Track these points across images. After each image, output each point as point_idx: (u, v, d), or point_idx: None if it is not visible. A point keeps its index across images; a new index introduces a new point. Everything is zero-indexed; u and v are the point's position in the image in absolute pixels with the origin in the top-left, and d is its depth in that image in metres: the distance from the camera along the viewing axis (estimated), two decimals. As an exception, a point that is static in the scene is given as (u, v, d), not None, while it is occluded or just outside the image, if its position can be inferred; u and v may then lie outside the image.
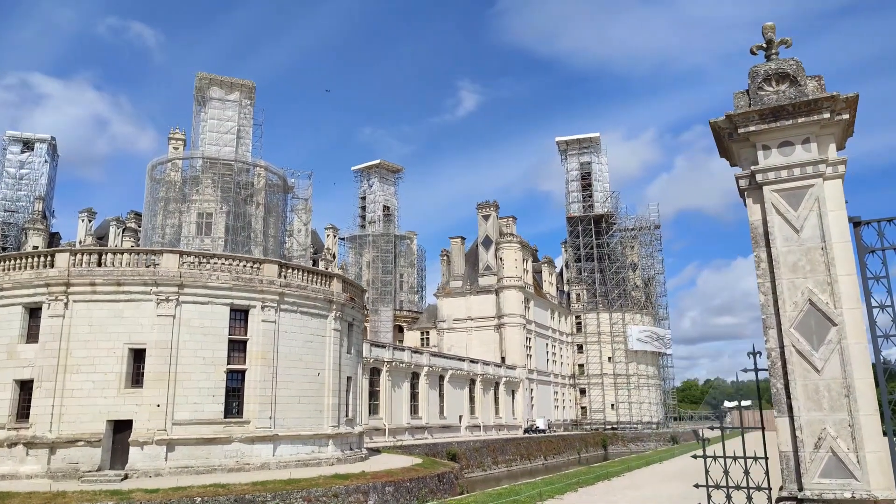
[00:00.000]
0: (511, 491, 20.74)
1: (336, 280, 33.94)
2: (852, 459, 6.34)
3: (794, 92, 7.23)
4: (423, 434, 57.62)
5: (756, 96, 7.42)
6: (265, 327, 29.85)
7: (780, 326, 6.93)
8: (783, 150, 7.19)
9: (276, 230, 78.73)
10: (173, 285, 28.01)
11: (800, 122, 7.05)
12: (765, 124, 7.19)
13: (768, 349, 7.04)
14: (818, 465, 6.47)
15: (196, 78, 76.50)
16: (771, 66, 7.48)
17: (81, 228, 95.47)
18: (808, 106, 6.99)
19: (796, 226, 6.99)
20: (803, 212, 6.99)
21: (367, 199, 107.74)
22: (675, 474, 26.90)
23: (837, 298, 6.69)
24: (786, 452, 6.74)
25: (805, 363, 6.70)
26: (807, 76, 7.30)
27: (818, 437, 6.51)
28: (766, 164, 7.23)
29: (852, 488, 6.30)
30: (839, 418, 6.48)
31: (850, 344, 6.58)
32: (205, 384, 27.99)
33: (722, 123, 7.52)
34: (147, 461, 26.32)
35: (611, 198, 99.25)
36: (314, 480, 25.36)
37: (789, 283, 6.92)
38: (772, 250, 7.07)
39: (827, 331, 6.67)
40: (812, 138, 7.08)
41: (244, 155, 76.83)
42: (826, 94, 6.94)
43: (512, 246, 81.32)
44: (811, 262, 6.87)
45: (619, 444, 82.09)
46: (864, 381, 6.52)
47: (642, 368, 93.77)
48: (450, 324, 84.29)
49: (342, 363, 33.42)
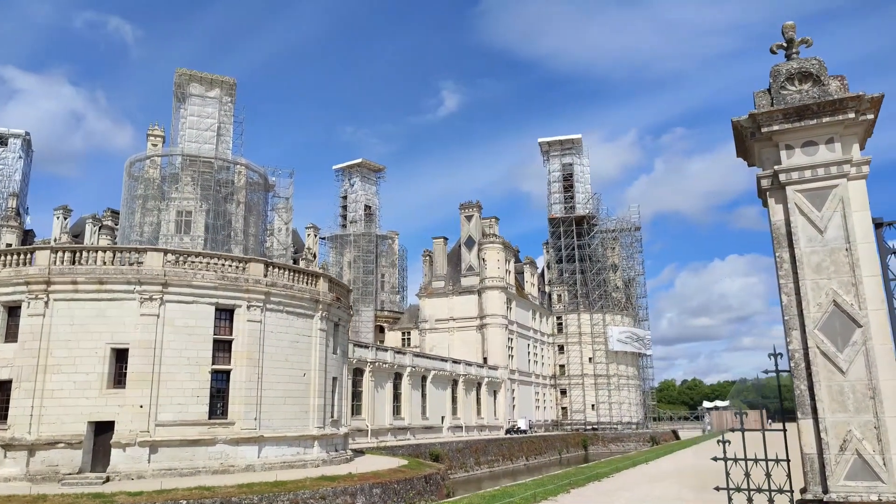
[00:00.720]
0: (504, 492, 20.63)
1: (322, 280, 33.59)
2: (878, 462, 6.30)
3: (818, 91, 7.18)
4: (406, 435, 57.35)
5: (779, 95, 7.37)
6: (251, 327, 29.44)
7: (803, 328, 6.88)
8: (806, 149, 7.15)
9: (256, 229, 78.02)
10: (157, 284, 27.50)
11: (824, 121, 7.00)
12: (788, 123, 7.14)
13: (791, 350, 6.98)
14: (844, 468, 6.42)
15: (175, 74, 75.48)
16: (793, 65, 7.43)
17: (56, 226, 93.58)
18: (832, 106, 6.95)
19: (820, 226, 6.95)
20: (827, 212, 6.95)
21: (349, 198, 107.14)
22: (663, 475, 27.00)
23: (862, 300, 6.65)
24: (810, 455, 6.69)
25: (830, 364, 6.66)
26: (829, 76, 7.27)
27: (843, 438, 6.46)
28: (789, 163, 7.17)
29: (878, 491, 6.26)
30: (864, 420, 6.44)
31: (875, 345, 6.54)
32: (189, 385, 27.51)
33: (745, 122, 7.45)
34: (129, 463, 25.80)
35: (592, 199, 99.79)
36: (301, 482, 25.03)
37: (813, 283, 6.87)
38: (795, 251, 7.02)
39: (851, 332, 6.63)
40: (836, 138, 7.04)
41: (224, 152, 75.95)
42: (851, 94, 6.90)
43: (494, 246, 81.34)
44: (835, 262, 6.82)
45: (599, 445, 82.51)
46: (889, 382, 6.48)
47: (622, 369, 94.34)
48: (432, 324, 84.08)
49: (328, 364, 33.09)
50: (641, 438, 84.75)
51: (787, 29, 7.81)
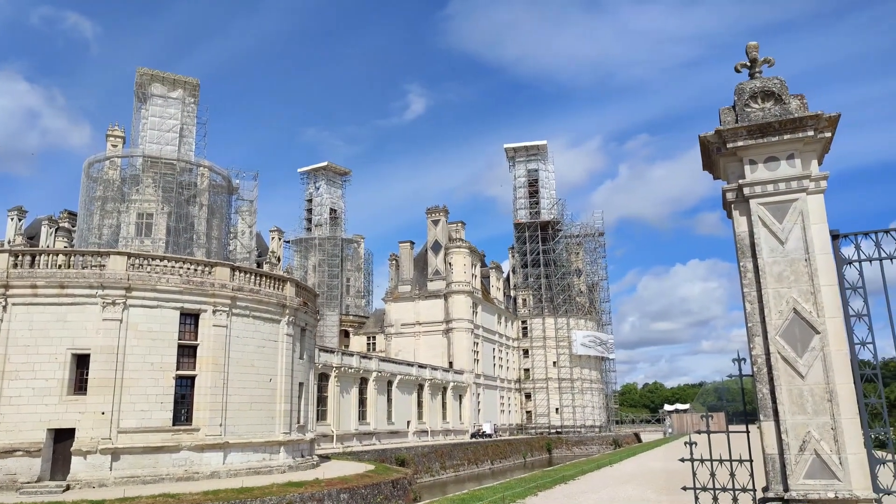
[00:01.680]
0: (473, 496, 20.83)
1: (289, 284, 33.40)
2: (835, 461, 6.67)
3: (779, 110, 7.57)
4: (372, 440, 57.21)
5: (743, 113, 7.74)
6: (216, 332, 29.12)
7: (765, 334, 7.23)
8: (769, 164, 7.52)
9: (219, 232, 76.96)
10: (120, 288, 27.03)
11: (785, 138, 7.38)
12: (752, 140, 7.50)
13: (754, 356, 7.33)
14: (803, 467, 6.77)
15: (137, 74, 74.14)
16: (756, 84, 7.81)
17: (10, 227, 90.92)
18: (793, 124, 7.33)
19: (781, 238, 7.32)
20: (788, 224, 7.32)
21: (314, 201, 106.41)
22: (628, 477, 27.52)
23: (820, 308, 7.03)
24: (771, 455, 7.03)
25: (790, 369, 7.02)
26: (790, 95, 7.67)
27: (803, 439, 6.82)
28: (752, 178, 7.54)
29: (835, 488, 6.62)
30: (822, 422, 6.80)
31: (832, 351, 6.92)
32: (153, 391, 27.09)
33: (711, 138, 7.80)
34: (90, 471, 25.28)
35: (557, 205, 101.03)
36: (267, 489, 24.85)
37: (775, 292, 7.23)
38: (758, 261, 7.37)
39: (810, 338, 7.00)
40: (796, 154, 7.43)
41: (187, 154, 74.80)
42: (810, 113, 7.29)
43: (461, 251, 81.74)
44: (795, 272, 7.20)
45: (563, 448, 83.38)
46: (845, 386, 6.86)
47: (586, 373, 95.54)
48: (398, 328, 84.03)
49: (294, 369, 32.90)
50: (604, 441, 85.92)
51: (751, 49, 8.19)
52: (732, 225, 7.84)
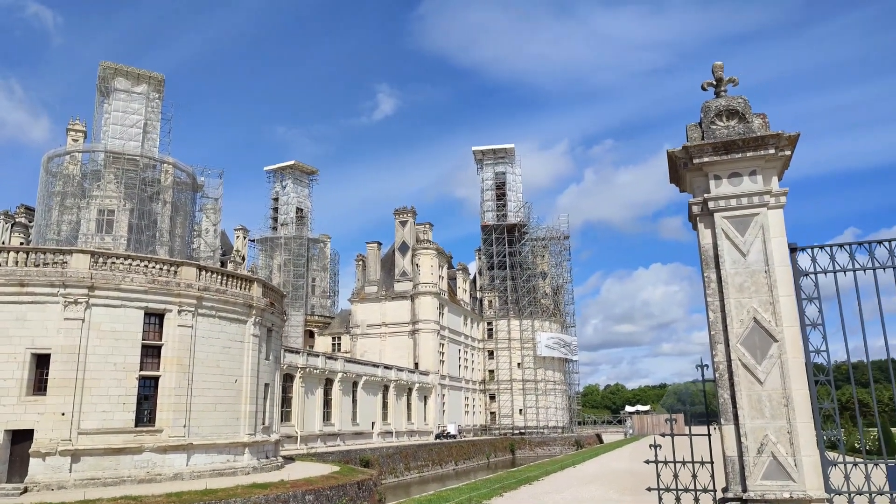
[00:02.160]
0: (440, 497, 21.02)
1: (256, 284, 33.17)
2: (791, 463, 7.04)
3: (743, 128, 7.94)
4: (336, 441, 56.99)
5: (709, 130, 8.10)
6: (181, 332, 28.79)
7: (727, 342, 7.59)
8: (732, 180, 7.88)
9: (183, 230, 75.81)
10: (83, 287, 26.54)
11: (748, 155, 7.75)
12: (717, 156, 7.86)
13: (716, 362, 7.67)
14: (761, 468, 7.13)
15: (100, 67, 72.61)
16: (722, 102, 8.18)
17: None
18: (755, 142, 7.71)
19: (743, 250, 7.68)
20: (749, 237, 7.69)
21: (280, 200, 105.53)
22: (590, 477, 28.03)
23: (779, 317, 7.41)
24: (731, 457, 7.38)
25: (750, 375, 7.38)
26: (753, 114, 8.05)
27: (761, 442, 7.18)
28: (717, 192, 7.90)
29: (790, 489, 6.99)
30: (779, 426, 7.17)
31: (789, 358, 7.30)
32: (115, 391, 26.66)
33: (678, 153, 8.14)
34: (49, 473, 24.77)
35: (524, 208, 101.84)
36: (232, 490, 24.68)
37: (736, 302, 7.59)
38: (721, 272, 7.73)
39: (769, 346, 7.37)
40: (758, 171, 7.81)
41: (151, 150, 73.52)
42: (772, 132, 7.68)
43: (429, 252, 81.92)
44: (756, 283, 7.57)
45: (526, 449, 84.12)
46: (800, 391, 7.25)
47: (549, 374, 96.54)
48: (364, 329, 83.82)
49: (260, 370, 32.68)
50: (567, 442, 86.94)
51: (717, 69, 8.57)
52: (697, 237, 8.19)
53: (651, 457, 8.45)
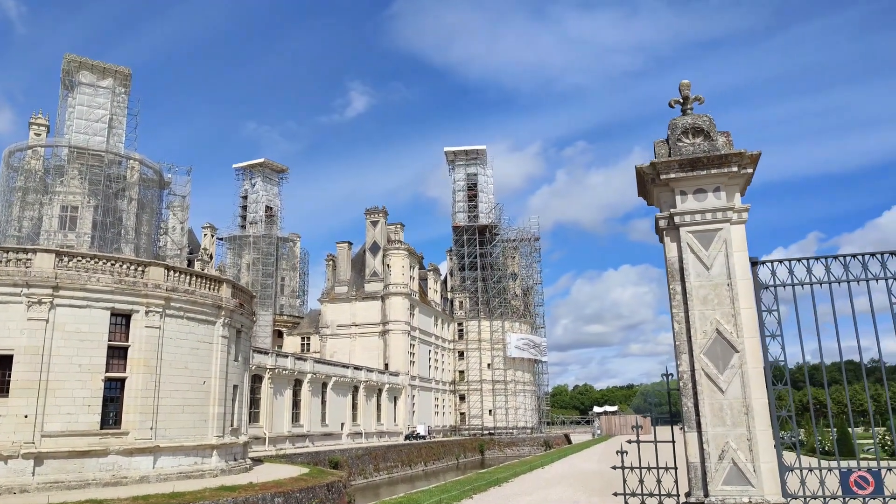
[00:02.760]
0: (410, 499, 21.13)
1: (225, 285, 32.89)
2: (750, 469, 7.34)
3: (707, 146, 8.24)
4: (305, 442, 56.72)
5: (675, 147, 8.38)
6: (149, 333, 28.43)
7: (691, 352, 7.87)
8: (697, 196, 8.18)
9: (149, 228, 74.71)
10: (47, 287, 26.06)
11: (712, 172, 8.05)
12: (683, 173, 8.14)
13: (681, 372, 7.96)
14: (722, 474, 7.42)
15: (64, 60, 71.17)
16: (688, 120, 8.47)
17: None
18: (719, 160, 8.01)
19: (707, 263, 7.98)
20: (713, 251, 7.99)
21: (249, 198, 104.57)
22: (558, 479, 28.42)
23: (740, 328, 7.71)
24: (694, 463, 7.67)
25: (712, 384, 7.67)
26: (718, 132, 8.36)
27: (722, 449, 7.48)
28: (682, 207, 8.18)
29: (749, 494, 7.29)
30: (739, 433, 7.47)
31: (749, 368, 7.61)
32: (80, 393, 26.22)
33: (646, 169, 8.41)
34: (11, 476, 24.27)
35: (495, 209, 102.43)
36: (200, 493, 24.47)
37: (700, 314, 7.88)
38: (686, 284, 8.01)
39: (731, 356, 7.67)
40: (722, 187, 8.11)
41: (116, 146, 72.29)
42: (735, 150, 7.98)
43: (400, 253, 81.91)
44: (719, 296, 7.87)
45: (495, 450, 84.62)
46: (760, 400, 7.56)
47: (519, 375, 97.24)
48: (333, 329, 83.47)
49: (229, 371, 32.42)
50: (536, 443, 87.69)
51: (684, 87, 8.86)
52: (664, 250, 8.47)
53: (618, 462, 8.70)
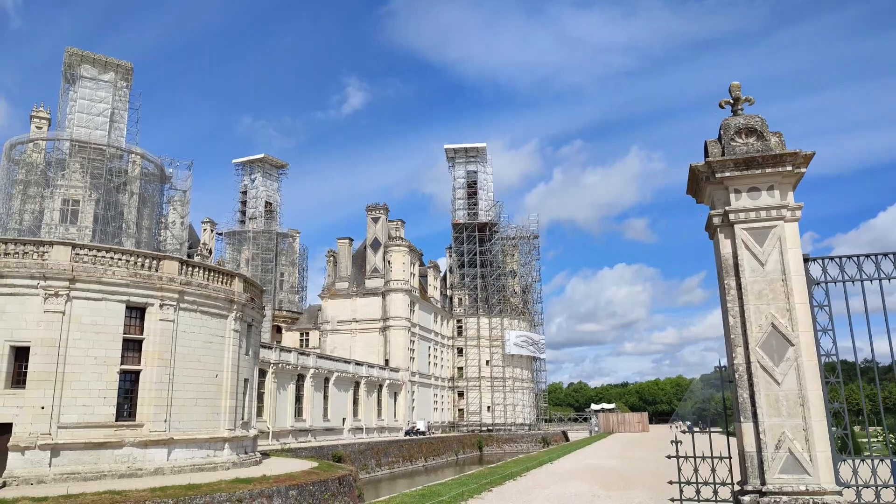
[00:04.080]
0: (431, 492, 21.36)
1: (237, 279, 33.05)
2: (806, 458, 7.60)
3: (761, 145, 8.49)
4: (307, 437, 56.91)
5: (729, 146, 8.62)
6: (163, 326, 28.58)
7: (746, 345, 8.12)
8: (751, 194, 8.42)
9: (150, 222, 74.72)
10: (64, 280, 26.19)
11: (767, 172, 8.30)
12: (738, 171, 8.38)
13: (736, 364, 8.20)
14: (778, 463, 7.68)
15: (66, 53, 70.96)
16: (740, 120, 8.71)
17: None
18: (774, 159, 8.25)
19: (762, 260, 8.23)
20: (767, 248, 8.24)
21: (249, 193, 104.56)
22: (570, 474, 28.69)
23: (795, 323, 7.97)
24: (750, 452, 7.92)
25: (768, 376, 7.92)
26: (770, 132, 8.60)
27: (778, 439, 7.73)
28: (737, 205, 8.43)
29: (806, 482, 7.56)
30: (795, 423, 7.73)
31: (804, 361, 7.87)
32: (96, 385, 26.37)
33: (701, 168, 8.64)
34: (28, 467, 24.43)
35: (495, 207, 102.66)
36: (216, 485, 24.65)
37: (755, 308, 8.13)
38: (741, 280, 8.26)
39: (786, 350, 7.93)
40: (775, 186, 8.36)
41: (118, 140, 72.19)
42: (790, 150, 8.23)
43: (400, 249, 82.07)
44: (773, 291, 8.12)
45: (494, 446, 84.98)
46: (814, 392, 7.82)
47: (517, 372, 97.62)
48: (334, 325, 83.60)
49: (240, 365, 32.60)
50: (534, 439, 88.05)
51: (734, 88, 9.10)
52: (716, 246, 8.72)
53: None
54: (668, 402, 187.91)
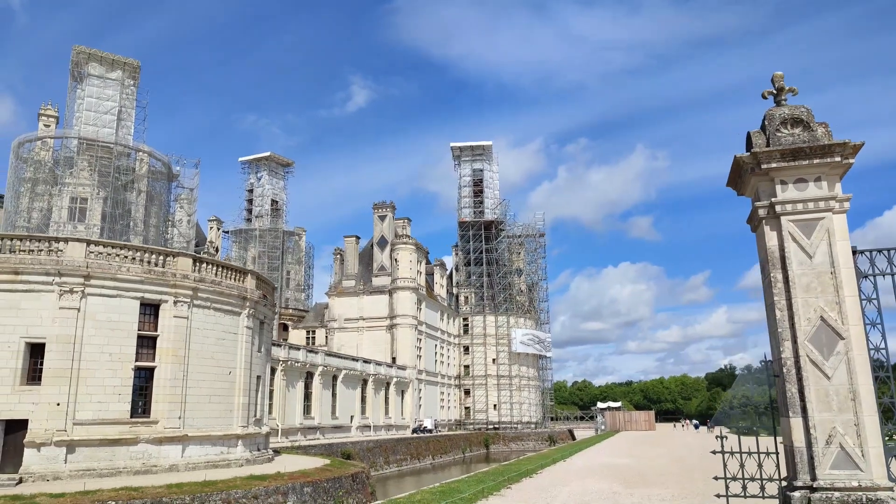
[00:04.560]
0: (451, 489, 21.28)
1: (250, 276, 32.99)
2: (858, 453, 7.49)
3: (807, 136, 8.36)
4: (316, 434, 56.91)
5: (774, 137, 8.50)
6: (177, 323, 28.54)
7: (794, 339, 8.00)
8: (798, 185, 8.30)
9: (157, 220, 74.77)
10: (79, 276, 26.14)
11: (815, 162, 8.18)
12: (784, 162, 8.27)
13: (784, 359, 8.09)
14: (829, 459, 7.57)
15: (73, 51, 71.02)
16: (786, 111, 8.59)
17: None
18: (822, 150, 8.13)
19: (809, 252, 8.11)
20: (815, 240, 8.12)
21: (255, 192, 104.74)
22: (586, 471, 28.58)
23: (844, 316, 7.85)
24: (799, 448, 7.81)
25: (817, 371, 7.81)
26: (816, 122, 8.48)
27: (829, 434, 7.62)
28: (783, 197, 8.31)
29: (858, 478, 7.44)
30: (846, 418, 7.62)
31: (855, 355, 7.76)
32: (111, 382, 26.33)
33: (746, 159, 8.53)
34: (44, 464, 24.40)
35: (501, 205, 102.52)
36: (231, 482, 24.61)
37: (803, 301, 8.01)
38: (788, 272, 8.14)
39: (836, 343, 7.81)
40: (823, 177, 8.24)
41: (125, 138, 72.25)
42: (838, 140, 8.11)
43: (407, 247, 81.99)
44: (822, 284, 8.00)
45: (500, 444, 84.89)
46: (866, 386, 7.70)
47: (524, 370, 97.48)
48: (341, 323, 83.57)
49: (253, 362, 32.55)
50: (540, 438, 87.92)
51: (777, 79, 8.98)
52: (761, 239, 8.60)
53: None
54: (672, 401, 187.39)
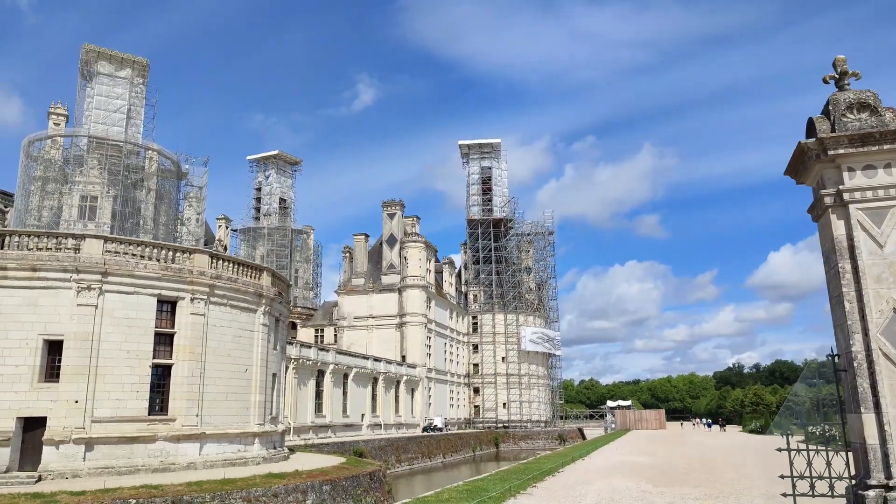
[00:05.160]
0: (476, 487, 21.01)
1: (266, 273, 32.79)
2: (936, 450, 7.18)
3: (875, 121, 8.05)
4: (327, 433, 56.73)
5: (840, 122, 8.19)
6: (194, 320, 28.35)
7: (865, 331, 7.70)
8: (867, 172, 7.99)
9: (167, 218, 74.79)
10: (97, 273, 25.97)
11: (885, 148, 7.87)
12: (853, 148, 7.96)
13: (854, 352, 7.78)
14: (905, 456, 7.26)
15: (82, 50, 71.04)
16: (851, 95, 8.28)
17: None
18: (893, 135, 7.82)
19: (880, 241, 7.80)
20: (886, 229, 7.81)
21: (263, 190, 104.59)
22: (608, 469, 28.28)
23: (919, 307, 7.53)
24: (872, 445, 7.50)
25: (892, 365, 7.50)
26: (884, 107, 8.16)
27: (904, 430, 7.31)
28: (851, 184, 8.00)
29: (936, 475, 7.13)
30: (923, 414, 7.31)
31: (931, 348, 7.44)
32: (128, 379, 26.15)
33: (811, 145, 8.22)
34: (63, 461, 24.24)
35: (509, 203, 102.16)
36: (251, 480, 24.41)
37: (874, 292, 7.71)
38: (857, 263, 7.84)
39: (910, 336, 7.50)
40: (893, 164, 7.93)
41: (134, 136, 72.27)
42: (910, 125, 7.79)
43: (417, 245, 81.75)
44: (894, 274, 7.69)
45: (510, 443, 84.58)
46: (942, 381, 7.39)
47: (533, 368, 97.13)
48: (350, 321, 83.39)
49: (269, 359, 32.34)
50: (550, 436, 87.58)
51: (839, 62, 8.66)
52: (825, 228, 8.28)
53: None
54: (680, 399, 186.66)
